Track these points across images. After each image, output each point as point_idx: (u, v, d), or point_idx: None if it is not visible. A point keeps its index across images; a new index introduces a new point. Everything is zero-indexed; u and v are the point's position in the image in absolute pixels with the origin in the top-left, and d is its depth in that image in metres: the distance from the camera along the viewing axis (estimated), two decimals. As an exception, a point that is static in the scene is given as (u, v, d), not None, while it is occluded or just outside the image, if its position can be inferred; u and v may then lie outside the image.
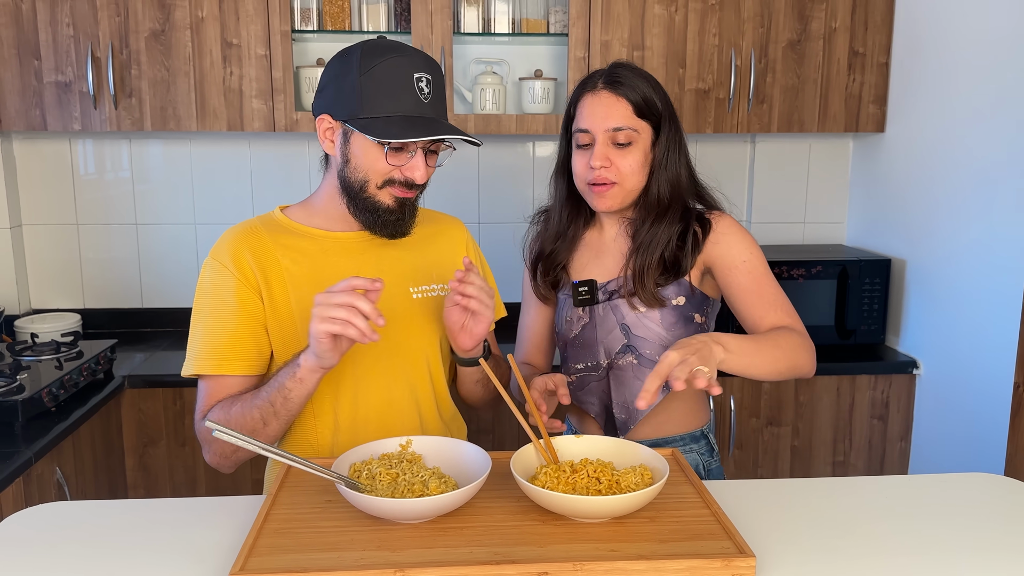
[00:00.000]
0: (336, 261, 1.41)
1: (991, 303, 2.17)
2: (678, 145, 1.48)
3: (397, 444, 1.24)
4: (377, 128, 1.30)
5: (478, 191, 2.85)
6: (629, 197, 1.48)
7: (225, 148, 2.75)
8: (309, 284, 1.39)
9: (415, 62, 1.33)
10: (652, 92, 1.45)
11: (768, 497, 1.24)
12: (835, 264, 2.53)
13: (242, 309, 1.36)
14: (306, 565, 0.98)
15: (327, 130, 1.37)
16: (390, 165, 1.34)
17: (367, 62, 1.31)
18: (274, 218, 1.46)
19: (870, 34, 2.56)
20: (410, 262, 1.47)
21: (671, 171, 1.47)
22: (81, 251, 2.76)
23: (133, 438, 2.32)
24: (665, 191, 1.47)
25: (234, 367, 1.36)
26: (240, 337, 1.36)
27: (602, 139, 1.44)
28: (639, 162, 1.45)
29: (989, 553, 1.08)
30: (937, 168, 2.38)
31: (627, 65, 1.49)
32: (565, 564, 0.97)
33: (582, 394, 1.57)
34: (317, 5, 2.51)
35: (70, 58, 2.37)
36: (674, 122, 1.48)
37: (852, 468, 2.55)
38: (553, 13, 2.57)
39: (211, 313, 1.37)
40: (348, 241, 1.43)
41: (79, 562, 1.06)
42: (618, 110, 1.44)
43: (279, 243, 1.41)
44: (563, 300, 1.59)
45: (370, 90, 1.30)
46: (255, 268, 1.37)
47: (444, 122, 1.36)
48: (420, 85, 1.32)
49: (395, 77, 1.31)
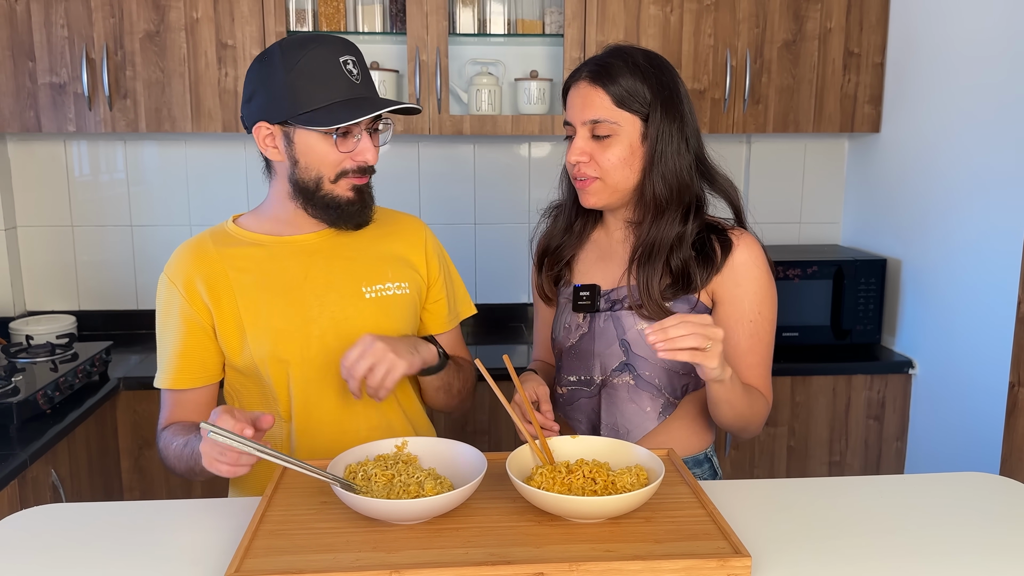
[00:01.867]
0: (285, 266, 1.41)
1: (986, 303, 2.17)
2: (676, 136, 1.35)
3: (393, 445, 1.24)
4: (320, 118, 1.30)
5: (474, 192, 2.84)
6: (616, 194, 1.39)
7: (220, 149, 2.75)
8: (258, 290, 1.40)
9: (337, 47, 1.32)
10: (641, 81, 1.34)
11: (764, 497, 1.24)
12: (831, 264, 2.53)
13: (184, 325, 1.40)
14: (302, 566, 0.98)
15: (266, 137, 1.36)
16: (341, 153, 1.33)
17: (289, 59, 1.31)
18: (225, 229, 1.47)
19: (865, 34, 2.56)
20: (362, 262, 1.46)
21: (668, 165, 1.35)
22: (76, 253, 2.76)
23: (128, 440, 2.32)
24: (661, 188, 1.35)
25: (181, 381, 1.41)
26: (184, 352, 1.40)
27: (581, 132, 1.37)
28: (620, 156, 1.35)
29: (985, 552, 1.08)
30: (932, 168, 2.39)
31: (619, 50, 1.38)
32: (561, 564, 0.97)
33: (571, 409, 1.50)
34: (312, 6, 2.51)
35: (64, 59, 2.37)
36: (671, 111, 1.35)
37: (848, 468, 2.55)
38: (549, 14, 2.58)
39: (163, 328, 1.43)
40: (297, 245, 1.43)
41: (74, 564, 1.06)
42: (595, 101, 1.35)
43: (225, 255, 1.42)
44: (563, 304, 1.51)
45: (301, 85, 1.30)
46: (201, 282, 1.39)
47: (381, 98, 1.35)
48: (348, 68, 1.32)
49: (322, 66, 1.30)
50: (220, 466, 1.15)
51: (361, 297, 1.43)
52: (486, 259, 2.89)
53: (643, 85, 1.34)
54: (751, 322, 1.38)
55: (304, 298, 1.40)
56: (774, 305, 1.41)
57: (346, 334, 1.40)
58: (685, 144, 1.37)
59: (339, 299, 1.42)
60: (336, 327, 1.41)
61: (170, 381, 1.42)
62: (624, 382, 1.42)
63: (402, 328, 1.46)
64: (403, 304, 1.47)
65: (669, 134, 1.35)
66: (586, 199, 1.40)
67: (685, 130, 1.37)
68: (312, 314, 1.40)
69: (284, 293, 1.40)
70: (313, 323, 1.40)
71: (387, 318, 1.44)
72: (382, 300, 1.44)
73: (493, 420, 2.43)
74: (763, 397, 1.41)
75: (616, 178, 1.37)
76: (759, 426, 1.42)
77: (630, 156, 1.36)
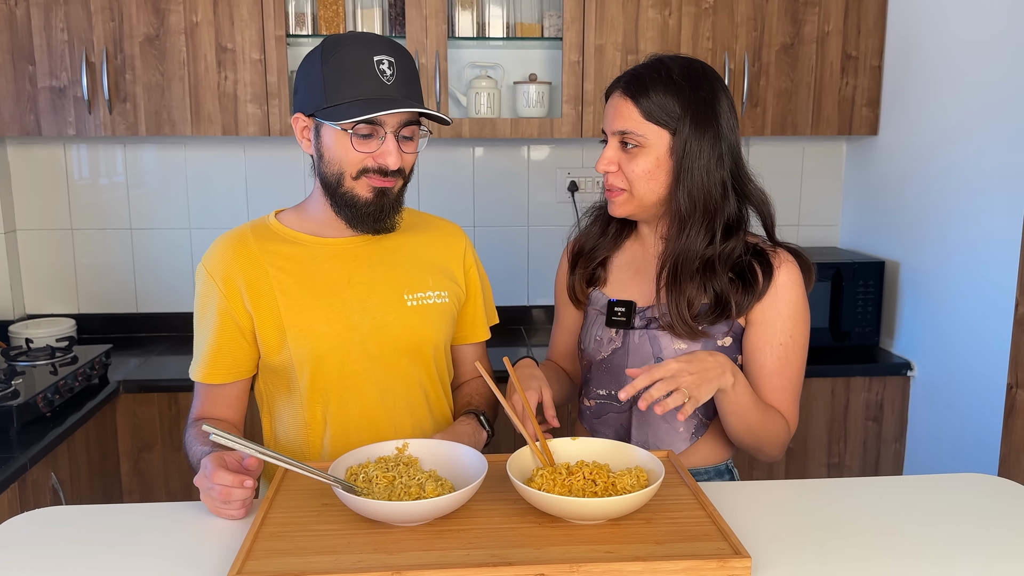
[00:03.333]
0: (327, 268, 1.41)
1: (984, 305, 2.18)
2: (706, 152, 1.34)
3: (394, 447, 1.24)
4: (338, 114, 1.29)
5: (473, 195, 2.85)
6: (642, 206, 1.38)
7: (220, 153, 2.75)
8: (300, 291, 1.39)
9: (374, 46, 1.31)
10: (673, 94, 1.33)
11: (763, 498, 1.25)
12: (829, 267, 2.54)
13: (219, 321, 1.39)
14: (303, 568, 0.98)
15: (303, 129, 1.37)
16: (358, 152, 1.32)
17: (327, 53, 1.31)
18: (266, 224, 1.45)
19: (863, 38, 2.57)
20: (404, 268, 1.45)
21: (694, 180, 1.34)
22: (76, 256, 2.76)
23: (128, 443, 2.32)
24: (685, 203, 1.34)
25: (213, 375, 1.41)
26: (218, 347, 1.40)
27: (611, 142, 1.38)
28: (647, 169, 1.35)
29: (984, 553, 1.09)
30: (930, 171, 2.39)
31: (657, 62, 1.38)
32: (561, 566, 0.97)
33: (598, 423, 1.48)
34: (311, 9, 2.51)
35: (64, 63, 2.37)
36: (702, 126, 1.33)
37: (847, 470, 2.56)
38: (547, 17, 2.58)
39: (200, 321, 1.43)
40: (339, 247, 1.42)
41: (75, 567, 1.06)
42: (625, 113, 1.35)
43: (267, 251, 1.41)
44: (593, 316, 1.49)
45: (332, 79, 1.30)
46: (241, 279, 1.38)
47: (409, 101, 1.32)
48: (381, 67, 1.30)
49: (354, 62, 1.30)
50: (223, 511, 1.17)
51: (403, 304, 1.43)
52: (485, 262, 2.83)
53: (673, 99, 1.33)
54: (781, 345, 1.38)
55: (347, 303, 1.40)
56: (807, 329, 1.41)
57: (387, 341, 1.41)
58: (718, 160, 1.35)
59: (381, 305, 1.41)
60: (377, 334, 1.40)
61: (202, 375, 1.41)
62: None
63: (439, 337, 1.47)
64: (442, 313, 1.47)
65: (698, 149, 1.34)
66: (613, 209, 1.42)
67: (719, 146, 1.35)
68: (354, 319, 1.39)
69: (327, 296, 1.39)
70: (355, 329, 1.39)
71: (427, 326, 1.44)
72: (423, 308, 1.44)
73: (492, 423, 2.43)
74: (783, 419, 1.38)
75: (642, 190, 1.37)
76: (775, 448, 1.39)
77: (656, 169, 1.35)
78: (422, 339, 1.44)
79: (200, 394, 1.45)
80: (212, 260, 1.40)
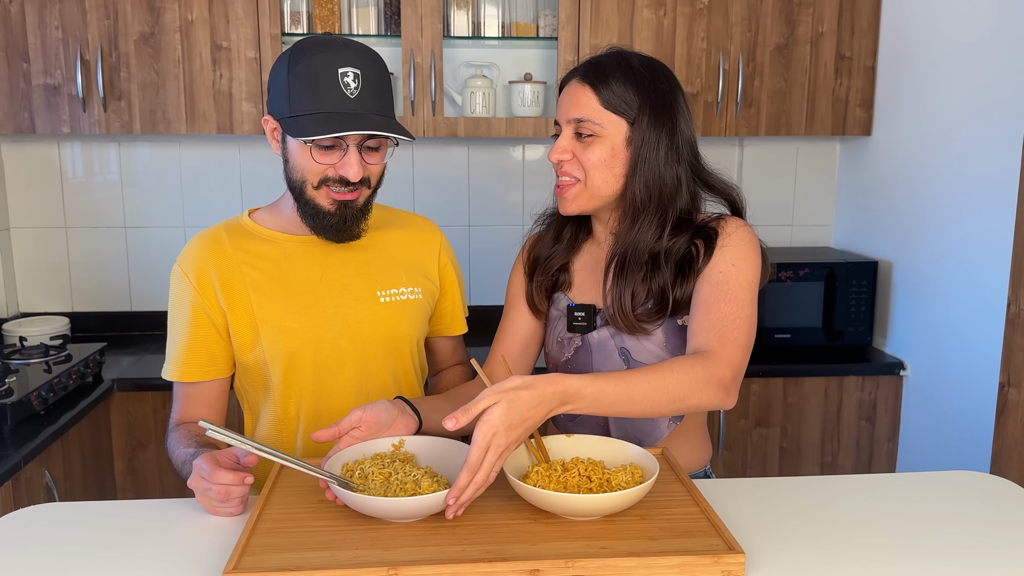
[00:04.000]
0: (300, 265, 1.42)
1: (976, 304, 2.19)
2: (664, 145, 1.31)
3: (390, 444, 1.24)
4: (298, 126, 1.29)
5: (468, 194, 2.85)
6: (595, 198, 1.34)
7: (214, 151, 2.75)
8: (272, 288, 1.40)
9: (342, 57, 1.29)
10: (632, 84, 1.30)
11: (757, 495, 1.25)
12: (822, 266, 2.55)
13: (194, 318, 1.39)
14: (299, 564, 0.98)
15: (272, 131, 1.37)
16: (317, 164, 1.32)
17: (294, 60, 1.30)
18: (240, 223, 1.46)
19: (856, 38, 2.58)
20: (377, 265, 1.46)
21: (650, 173, 1.31)
22: (69, 254, 2.75)
23: (122, 441, 2.31)
24: (641, 193, 1.31)
25: (190, 374, 1.41)
26: (193, 345, 1.40)
27: (566, 131, 1.33)
28: (602, 158, 1.31)
29: (975, 549, 1.09)
30: (923, 171, 2.41)
31: (616, 53, 1.35)
32: (557, 561, 0.98)
33: (573, 425, 1.46)
34: (307, 8, 2.51)
35: (59, 61, 2.37)
36: (660, 119, 1.31)
37: (840, 469, 2.57)
38: (543, 17, 2.59)
39: (173, 321, 1.43)
40: (312, 244, 1.43)
41: (70, 564, 1.06)
42: (582, 100, 1.31)
43: (241, 249, 1.41)
44: (555, 317, 1.45)
45: (295, 88, 1.29)
46: (214, 276, 1.39)
47: (371, 116, 1.30)
48: (345, 80, 1.29)
49: (318, 73, 1.28)
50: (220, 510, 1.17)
51: (376, 301, 1.44)
52: (480, 261, 2.89)
53: (633, 89, 1.31)
54: (719, 272, 1.30)
55: (319, 300, 1.40)
56: (754, 270, 1.31)
57: (359, 337, 1.42)
58: (675, 154, 1.33)
59: (354, 302, 1.42)
60: (350, 330, 1.41)
61: (178, 373, 1.42)
62: None
63: (413, 333, 1.48)
64: (416, 309, 1.48)
65: (656, 141, 1.31)
66: (564, 206, 1.37)
67: (676, 139, 1.33)
68: (326, 316, 1.40)
69: (299, 293, 1.40)
70: (327, 325, 1.40)
71: (400, 323, 1.45)
72: (396, 304, 1.45)
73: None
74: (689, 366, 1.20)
75: (596, 180, 1.33)
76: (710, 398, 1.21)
77: (611, 158, 1.32)
78: (396, 335, 1.45)
79: (179, 397, 1.45)
80: (186, 259, 1.42)
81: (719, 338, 1.25)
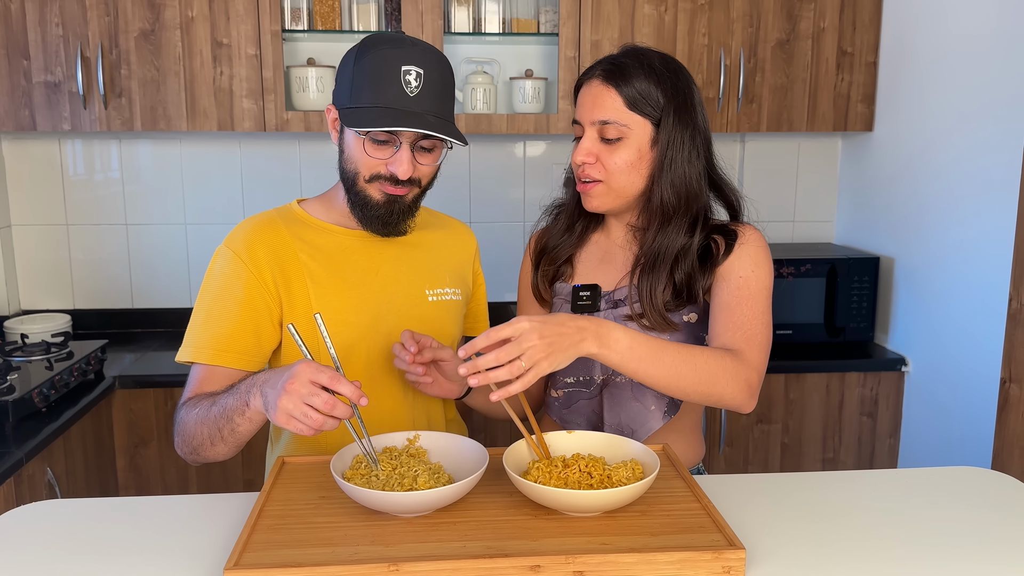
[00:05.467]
0: (355, 259, 1.41)
1: (978, 300, 2.19)
2: (687, 144, 1.32)
3: (405, 438, 1.24)
4: (355, 117, 1.29)
5: (469, 191, 2.85)
6: (620, 198, 1.36)
7: (215, 148, 2.75)
8: (330, 280, 1.38)
9: (407, 54, 1.30)
10: (656, 83, 1.30)
11: (758, 491, 1.25)
12: (824, 262, 2.55)
13: (249, 302, 1.35)
14: (301, 560, 0.98)
15: (333, 120, 1.37)
16: (371, 158, 1.32)
17: (362, 52, 1.31)
18: (292, 211, 1.44)
19: (858, 34, 2.57)
20: (427, 263, 1.47)
21: (677, 173, 1.32)
22: (71, 252, 2.76)
23: (124, 438, 2.32)
24: (669, 196, 1.32)
25: (230, 359, 1.34)
26: (242, 330, 1.35)
27: (589, 132, 1.33)
28: (628, 160, 1.32)
29: (977, 545, 1.09)
30: (925, 166, 2.40)
31: (635, 51, 1.34)
32: (557, 557, 0.98)
33: (568, 412, 1.45)
34: (307, 5, 2.51)
35: (59, 58, 2.37)
36: (684, 118, 1.32)
37: (842, 465, 2.57)
38: (543, 13, 2.58)
39: (217, 302, 1.35)
40: (365, 239, 1.42)
41: (72, 560, 1.06)
42: (607, 102, 1.31)
43: (298, 236, 1.40)
44: (558, 304, 1.46)
45: (359, 80, 1.30)
46: (271, 262, 1.36)
47: (427, 116, 1.30)
48: (407, 78, 1.29)
49: (382, 68, 1.29)
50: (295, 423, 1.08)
51: (425, 299, 1.45)
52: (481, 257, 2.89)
53: (657, 88, 1.30)
54: (740, 277, 1.33)
55: (375, 294, 1.40)
56: (770, 277, 1.35)
57: None
58: (696, 152, 1.34)
59: (406, 299, 1.42)
60: (400, 326, 1.39)
61: (219, 357, 1.33)
62: (627, 380, 1.39)
63: (457, 333, 1.50)
64: (458, 310, 1.50)
65: (680, 141, 1.32)
66: (589, 202, 1.38)
67: (697, 138, 1.34)
68: (381, 311, 1.40)
69: (356, 287, 1.39)
70: (382, 320, 1.40)
71: (447, 322, 1.46)
72: (443, 304, 1.46)
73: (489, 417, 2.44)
74: (719, 356, 1.24)
75: (621, 182, 1.34)
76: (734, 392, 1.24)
77: (638, 160, 1.32)
78: (442, 334, 1.44)
79: (200, 380, 1.33)
80: (241, 242, 1.37)
81: (745, 340, 1.29)
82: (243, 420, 1.20)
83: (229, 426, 1.22)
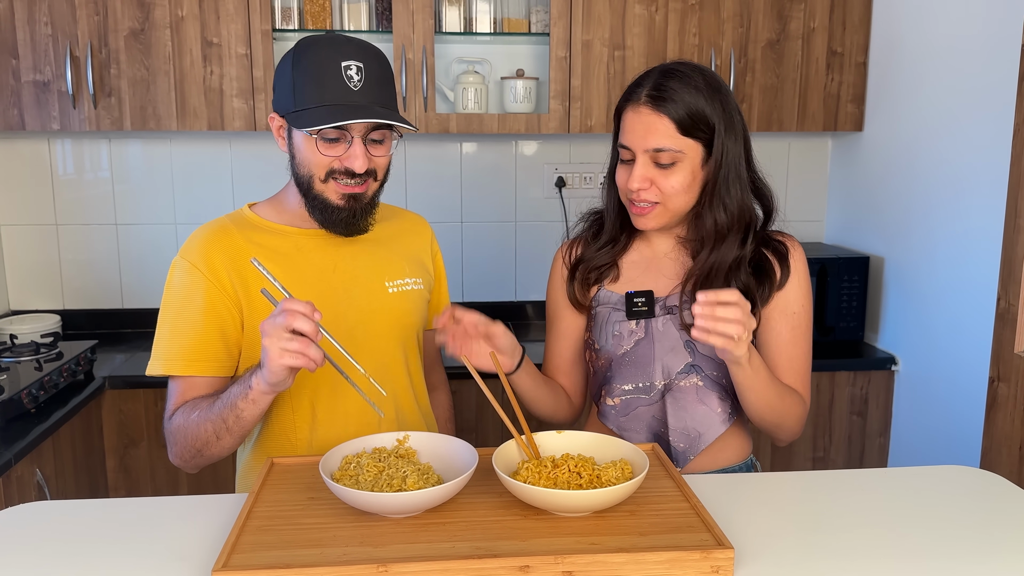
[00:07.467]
0: (312, 258, 1.42)
1: (967, 299, 2.20)
2: (737, 159, 1.34)
3: (394, 439, 1.24)
4: (304, 119, 1.30)
5: (460, 190, 2.85)
6: (675, 217, 1.37)
7: (205, 147, 2.74)
8: (287, 281, 1.38)
9: (344, 51, 1.31)
10: (704, 103, 1.31)
11: (747, 490, 1.26)
12: (814, 262, 2.55)
13: (210, 310, 1.36)
14: (289, 561, 0.98)
15: (279, 128, 1.38)
16: (323, 156, 1.33)
17: (298, 56, 1.32)
18: (244, 216, 1.45)
19: (848, 34, 2.58)
20: (384, 256, 1.48)
21: (729, 191, 1.34)
22: (60, 252, 2.74)
23: (114, 439, 2.31)
24: (722, 216, 1.35)
25: (202, 368, 1.37)
26: (209, 338, 1.37)
27: (642, 159, 1.33)
28: (683, 183, 1.33)
29: (965, 544, 1.10)
30: (914, 166, 2.41)
31: (678, 71, 1.33)
32: (546, 557, 0.98)
33: (626, 420, 1.44)
34: (298, 4, 2.50)
35: (48, 57, 2.35)
36: (731, 134, 1.33)
37: (832, 464, 2.57)
38: (534, 13, 2.58)
39: (179, 313, 1.38)
40: (321, 238, 1.43)
41: (61, 561, 1.05)
42: (659, 129, 1.31)
43: (251, 241, 1.40)
44: (606, 313, 1.44)
45: (300, 82, 1.31)
46: (228, 268, 1.37)
47: (374, 107, 1.32)
48: (349, 73, 1.31)
49: (322, 67, 1.30)
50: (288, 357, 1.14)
51: (385, 292, 1.45)
52: (473, 257, 2.89)
53: (706, 110, 1.31)
54: (794, 314, 1.40)
55: (334, 292, 1.41)
56: (811, 306, 1.44)
57: (373, 328, 1.42)
58: (745, 165, 1.37)
59: (366, 293, 1.43)
60: (364, 322, 1.42)
61: (190, 368, 1.35)
62: (691, 384, 1.40)
63: (420, 322, 1.51)
64: (420, 299, 1.51)
65: (730, 159, 1.34)
66: (644, 223, 1.38)
67: (742, 147, 1.36)
68: (340, 307, 1.40)
69: (315, 286, 1.39)
70: (342, 317, 1.40)
71: (409, 312, 1.48)
72: (404, 294, 1.47)
73: (480, 417, 2.44)
74: (797, 394, 1.40)
75: (677, 203, 1.35)
76: (795, 423, 1.40)
77: (692, 182, 1.34)
78: (406, 324, 1.47)
79: (180, 392, 1.37)
80: (195, 252, 1.38)
81: (803, 383, 1.42)
82: (247, 404, 1.23)
83: (234, 414, 1.25)
